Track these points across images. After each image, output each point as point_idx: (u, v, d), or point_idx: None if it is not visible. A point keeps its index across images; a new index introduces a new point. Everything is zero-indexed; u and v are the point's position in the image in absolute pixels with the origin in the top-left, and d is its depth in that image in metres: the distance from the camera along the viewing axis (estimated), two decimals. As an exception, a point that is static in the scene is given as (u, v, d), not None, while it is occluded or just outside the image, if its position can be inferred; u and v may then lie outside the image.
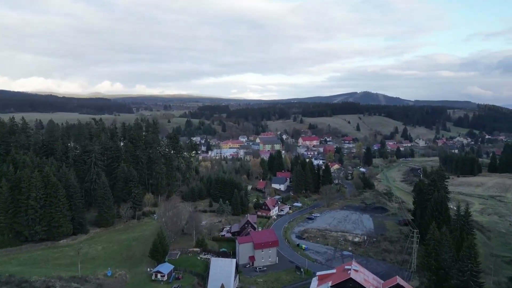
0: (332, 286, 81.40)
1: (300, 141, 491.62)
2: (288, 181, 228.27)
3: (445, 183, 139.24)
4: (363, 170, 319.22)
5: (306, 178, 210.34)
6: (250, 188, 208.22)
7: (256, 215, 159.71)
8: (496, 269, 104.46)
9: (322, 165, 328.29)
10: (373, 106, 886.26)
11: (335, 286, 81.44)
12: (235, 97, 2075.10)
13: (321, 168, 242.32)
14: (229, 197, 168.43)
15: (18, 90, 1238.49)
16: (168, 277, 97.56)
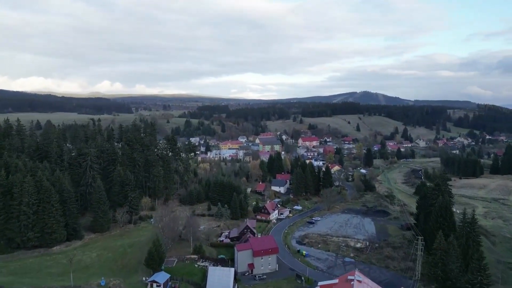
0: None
1: (300, 141, 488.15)
2: (288, 183, 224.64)
3: (449, 187, 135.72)
4: (364, 171, 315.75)
5: (306, 181, 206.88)
6: (250, 190, 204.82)
7: (255, 220, 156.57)
8: (503, 277, 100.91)
9: (323, 166, 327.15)
10: (373, 106, 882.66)
11: (338, 298, 78.24)
12: (235, 96, 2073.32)
13: (321, 170, 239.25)
14: (228, 200, 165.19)
15: (17, 90, 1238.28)
16: (164, 286, 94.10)
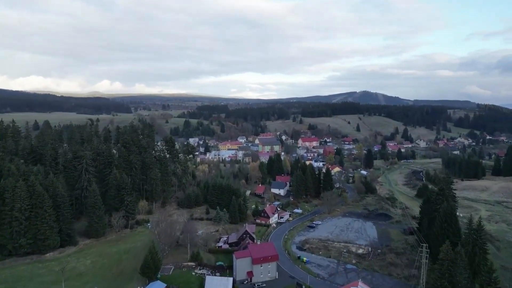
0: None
1: (299, 142, 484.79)
2: (288, 185, 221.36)
3: (453, 192, 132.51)
4: (364, 172, 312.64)
5: (306, 183, 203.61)
6: (249, 193, 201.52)
7: (254, 224, 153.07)
8: (511, 285, 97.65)
9: (323, 167, 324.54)
10: (373, 106, 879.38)
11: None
12: (234, 96, 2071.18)
13: (321, 171, 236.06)
14: (226, 203, 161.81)
15: (16, 89, 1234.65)
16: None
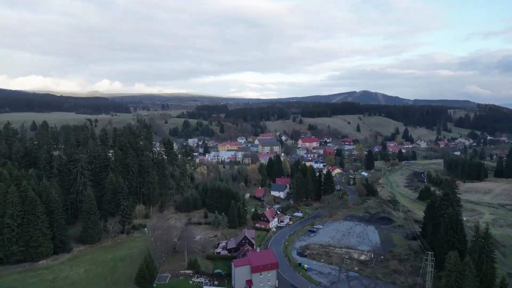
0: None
1: (299, 142, 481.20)
2: (288, 188, 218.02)
3: (457, 196, 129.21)
4: (365, 174, 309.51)
5: (307, 186, 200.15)
6: (248, 196, 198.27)
7: (254, 229, 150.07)
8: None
9: (323, 168, 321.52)
10: (373, 106, 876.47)
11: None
12: (234, 96, 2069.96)
13: (322, 172, 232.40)
14: (225, 207, 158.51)
15: (16, 89, 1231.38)
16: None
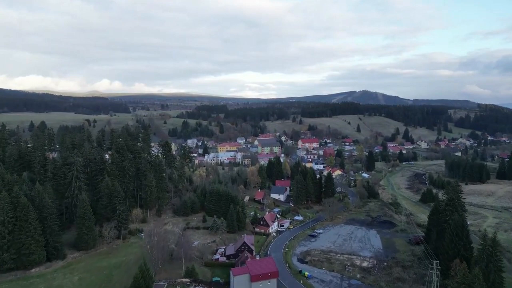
0: None
1: (299, 143, 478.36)
2: (288, 190, 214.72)
3: (462, 201, 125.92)
4: (366, 175, 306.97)
5: (307, 188, 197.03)
6: (248, 199, 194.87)
7: (253, 233, 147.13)
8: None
9: (324, 169, 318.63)
10: (373, 106, 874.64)
11: None
12: (234, 95, 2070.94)
13: (322, 174, 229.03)
14: (224, 211, 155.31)
15: (15, 88, 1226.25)
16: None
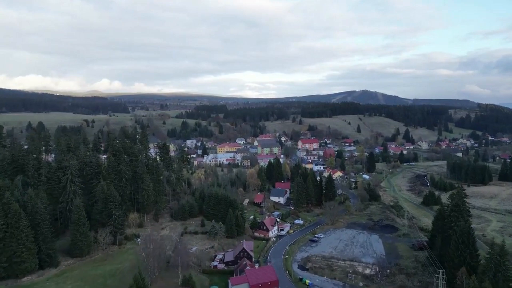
0: None
1: (299, 144, 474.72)
2: (288, 193, 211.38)
3: (467, 207, 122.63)
4: (367, 177, 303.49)
5: (307, 191, 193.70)
6: (247, 202, 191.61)
7: (253, 238, 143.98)
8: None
9: (324, 171, 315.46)
10: (373, 106, 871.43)
11: None
12: (234, 95, 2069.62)
13: (322, 175, 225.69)
14: (223, 215, 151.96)
15: (15, 88, 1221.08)
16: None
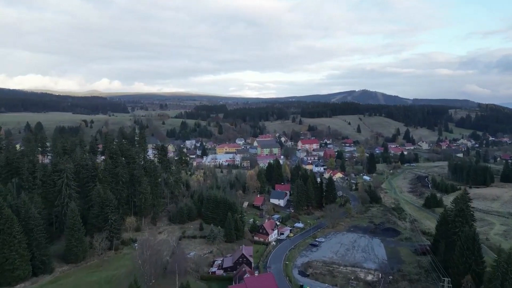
0: None
1: (299, 144, 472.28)
2: (288, 195, 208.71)
3: (471, 211, 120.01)
4: (367, 178, 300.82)
5: (308, 193, 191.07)
6: (247, 204, 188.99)
7: (252, 242, 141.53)
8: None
9: (324, 172, 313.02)
10: (373, 106, 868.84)
11: None
12: (233, 95, 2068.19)
13: (323, 176, 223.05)
14: (222, 218, 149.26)
15: (15, 87, 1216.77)
16: None
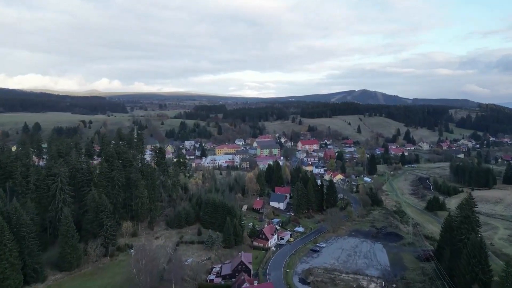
0: None
1: (299, 145, 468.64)
2: (288, 198, 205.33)
3: (477, 217, 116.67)
4: (368, 179, 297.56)
5: (308, 196, 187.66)
6: (246, 208, 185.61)
7: (252, 247, 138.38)
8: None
9: (324, 173, 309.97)
10: (373, 106, 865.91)
11: None
12: (233, 94, 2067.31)
13: (323, 178, 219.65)
14: (220, 223, 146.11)
15: (14, 87, 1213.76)
16: None
